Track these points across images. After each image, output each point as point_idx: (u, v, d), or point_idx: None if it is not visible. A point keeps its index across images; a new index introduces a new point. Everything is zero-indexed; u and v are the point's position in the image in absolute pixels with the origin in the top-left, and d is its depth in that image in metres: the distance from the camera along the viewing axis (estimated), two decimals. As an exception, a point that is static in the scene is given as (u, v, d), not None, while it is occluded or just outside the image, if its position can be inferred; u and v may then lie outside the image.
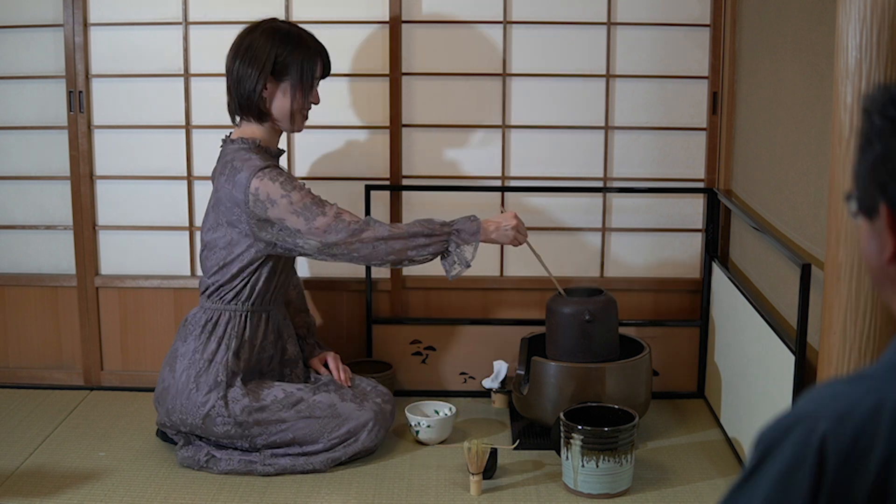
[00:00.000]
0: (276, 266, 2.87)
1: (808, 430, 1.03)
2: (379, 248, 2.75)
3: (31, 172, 3.39)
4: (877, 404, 1.02)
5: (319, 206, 2.75)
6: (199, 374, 2.80)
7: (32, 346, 3.45)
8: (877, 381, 1.05)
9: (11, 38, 3.31)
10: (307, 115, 2.91)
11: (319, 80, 2.90)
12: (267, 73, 2.79)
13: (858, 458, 1.01)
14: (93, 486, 2.71)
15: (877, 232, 1.09)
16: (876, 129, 1.07)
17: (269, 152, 2.86)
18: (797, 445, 1.04)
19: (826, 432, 1.02)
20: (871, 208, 1.09)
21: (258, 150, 2.81)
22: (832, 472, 1.01)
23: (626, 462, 2.65)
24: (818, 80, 2.38)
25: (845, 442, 1.02)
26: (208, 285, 2.88)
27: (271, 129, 2.88)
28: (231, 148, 2.83)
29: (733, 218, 3.24)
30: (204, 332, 2.84)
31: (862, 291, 1.87)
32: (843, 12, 1.84)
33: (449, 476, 2.78)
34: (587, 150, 3.31)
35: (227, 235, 2.82)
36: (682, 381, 3.37)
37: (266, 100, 2.82)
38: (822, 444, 1.02)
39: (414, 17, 3.25)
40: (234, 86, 2.82)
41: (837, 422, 1.02)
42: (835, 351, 1.92)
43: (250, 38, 2.81)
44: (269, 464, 2.79)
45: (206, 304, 2.88)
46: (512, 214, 2.86)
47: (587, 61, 3.26)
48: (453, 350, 3.37)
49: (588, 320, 2.94)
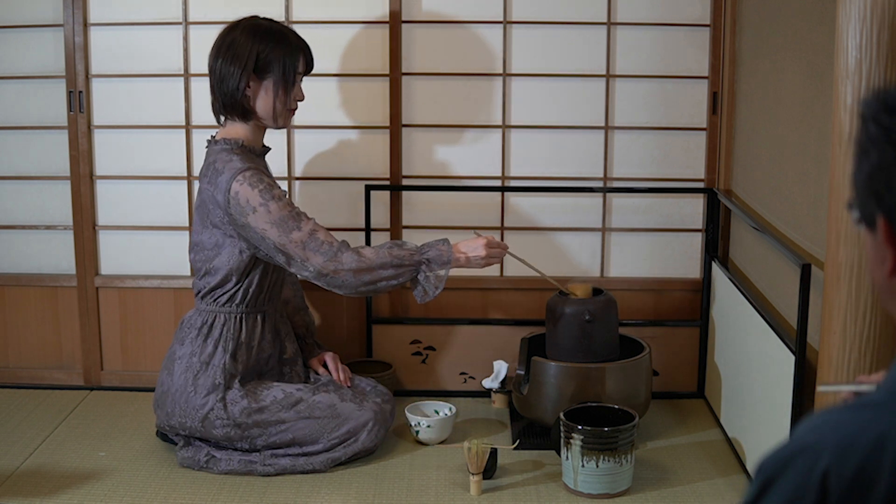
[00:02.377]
0: (268, 266, 2.85)
1: (809, 462, 1.00)
2: (348, 280, 2.71)
3: (31, 172, 3.39)
4: (880, 437, 0.99)
5: (296, 219, 2.71)
6: (197, 377, 2.79)
7: (32, 346, 3.45)
8: (879, 410, 1.02)
9: (11, 38, 3.31)
10: (293, 112, 2.89)
11: (303, 76, 2.88)
12: (249, 71, 2.77)
13: (861, 493, 0.98)
14: (93, 486, 2.71)
15: (878, 244, 1.06)
16: (871, 136, 1.03)
17: (254, 152, 2.85)
18: (799, 478, 1.01)
19: (828, 466, 0.99)
20: (871, 219, 1.06)
21: (241, 151, 2.80)
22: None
23: (626, 462, 2.65)
24: (818, 80, 2.38)
25: (848, 476, 0.99)
26: (200, 287, 2.87)
27: (256, 127, 2.86)
28: (214, 149, 2.82)
29: (733, 218, 3.24)
30: (200, 334, 2.83)
31: (862, 291, 1.87)
32: (843, 12, 1.84)
33: (449, 476, 2.78)
34: (587, 150, 3.31)
35: (213, 237, 2.81)
36: (682, 381, 3.37)
37: (249, 98, 2.80)
38: (823, 479, 0.99)
39: (414, 17, 3.25)
40: (217, 85, 2.80)
41: (840, 455, 0.99)
42: (835, 351, 1.92)
43: (231, 37, 2.79)
44: (269, 464, 2.79)
45: (201, 305, 2.87)
46: (482, 242, 2.79)
47: (587, 61, 3.26)
48: (453, 350, 3.37)
49: (588, 320, 2.94)
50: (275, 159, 3.34)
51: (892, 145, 1.00)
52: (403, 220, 3.35)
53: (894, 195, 1.01)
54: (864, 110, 1.05)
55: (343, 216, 3.36)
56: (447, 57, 3.27)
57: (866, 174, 1.04)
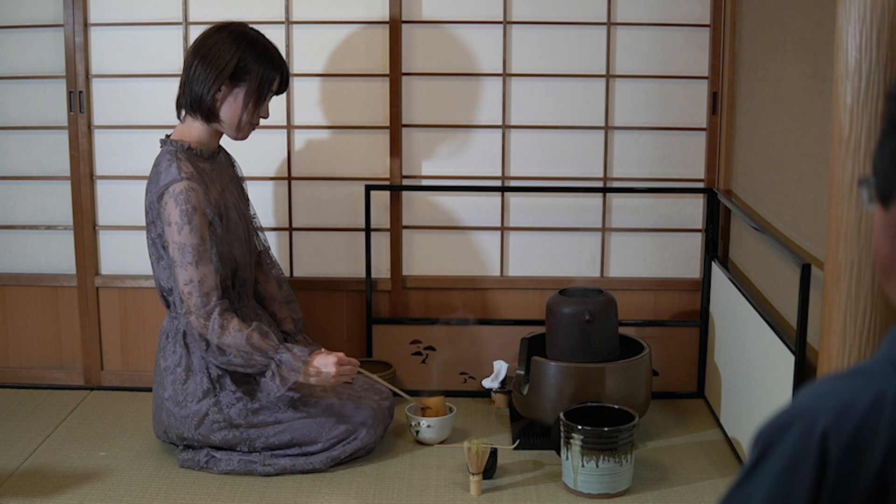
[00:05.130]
0: (227, 268, 2.78)
1: (808, 425, 1.03)
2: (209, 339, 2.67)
3: (31, 172, 3.39)
4: (877, 397, 1.02)
5: (197, 256, 2.66)
6: (186, 386, 2.78)
7: (32, 346, 3.45)
8: (875, 375, 1.05)
9: (11, 38, 3.31)
10: (256, 126, 2.85)
11: (274, 95, 2.84)
12: (225, 76, 2.73)
13: (860, 452, 1.01)
14: (93, 486, 2.71)
15: (891, 219, 1.07)
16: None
17: (201, 155, 2.80)
18: (798, 441, 1.03)
19: (827, 427, 1.02)
20: (889, 194, 1.07)
21: (186, 156, 2.75)
22: (834, 466, 1.01)
23: (626, 462, 2.65)
24: (818, 80, 2.38)
25: (847, 436, 1.01)
26: (161, 293, 2.84)
27: (214, 130, 2.82)
28: (162, 150, 2.79)
29: (733, 218, 3.24)
30: (177, 343, 2.80)
31: (862, 291, 1.87)
32: (843, 12, 1.84)
33: (449, 476, 2.78)
34: (587, 150, 3.31)
35: (150, 235, 2.78)
36: (682, 381, 3.37)
37: (217, 101, 2.76)
38: (823, 440, 1.01)
39: (414, 18, 3.25)
40: (188, 81, 2.77)
41: (838, 416, 1.02)
42: (835, 351, 1.92)
43: (215, 38, 2.76)
44: (268, 464, 2.79)
45: (172, 313, 2.84)
46: (334, 360, 2.70)
47: (587, 61, 3.26)
48: (453, 350, 3.36)
49: (588, 320, 2.94)
50: (275, 159, 3.34)
51: None
52: (403, 220, 3.35)
53: None
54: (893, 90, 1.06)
55: (343, 216, 3.36)
56: (447, 57, 3.27)
57: (891, 150, 1.05)
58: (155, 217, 2.74)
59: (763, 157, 2.88)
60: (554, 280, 3.31)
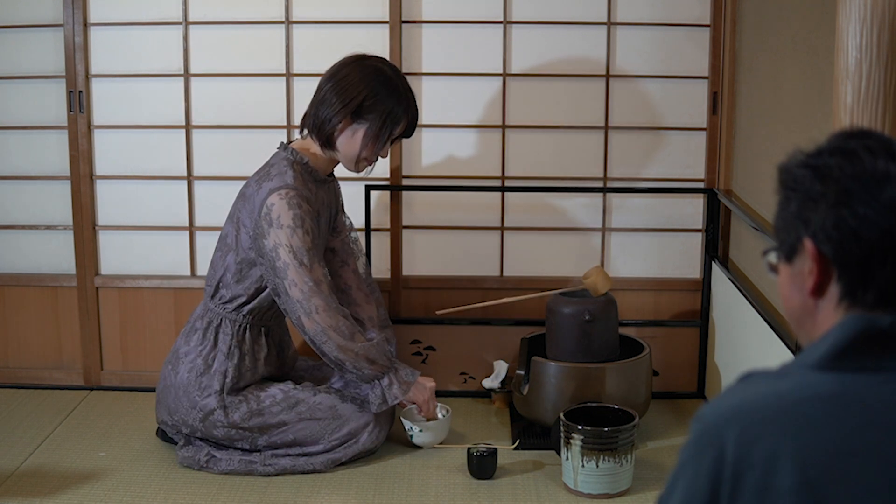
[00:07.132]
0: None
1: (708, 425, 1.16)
2: (329, 343, 2.70)
3: (31, 172, 3.39)
4: (775, 395, 1.14)
5: (311, 259, 2.68)
6: (201, 377, 2.79)
7: (32, 346, 3.45)
8: (772, 378, 1.17)
9: (11, 38, 3.31)
10: (373, 164, 2.86)
11: (395, 140, 2.84)
12: (349, 111, 2.72)
13: (751, 447, 1.11)
14: (93, 486, 2.71)
15: (797, 271, 1.20)
16: (798, 178, 1.20)
17: (314, 176, 2.80)
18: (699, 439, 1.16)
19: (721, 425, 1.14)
20: (793, 249, 1.20)
21: (301, 168, 2.77)
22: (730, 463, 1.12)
23: (626, 462, 2.65)
24: (818, 80, 2.38)
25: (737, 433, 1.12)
26: (213, 287, 2.85)
27: (331, 157, 2.83)
28: (279, 154, 2.80)
29: (733, 218, 3.24)
30: (206, 336, 2.82)
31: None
32: (843, 12, 1.84)
33: (449, 477, 2.78)
34: (587, 149, 3.31)
35: (233, 232, 2.80)
36: (682, 381, 3.37)
37: (336, 132, 2.76)
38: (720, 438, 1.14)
39: (414, 18, 3.25)
40: (316, 105, 2.77)
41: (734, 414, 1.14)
42: (835, 351, 1.92)
43: (351, 69, 2.74)
44: (269, 464, 2.79)
45: (210, 304, 2.86)
46: (426, 396, 2.87)
47: (587, 61, 3.26)
48: (453, 350, 3.36)
49: (588, 320, 2.94)
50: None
51: (819, 181, 1.17)
52: (403, 221, 3.35)
53: (820, 218, 1.16)
54: (784, 166, 1.25)
55: (343, 216, 3.36)
56: (447, 57, 3.27)
57: (795, 209, 1.19)
58: (253, 210, 2.71)
59: (763, 157, 2.88)
60: (554, 280, 3.31)
